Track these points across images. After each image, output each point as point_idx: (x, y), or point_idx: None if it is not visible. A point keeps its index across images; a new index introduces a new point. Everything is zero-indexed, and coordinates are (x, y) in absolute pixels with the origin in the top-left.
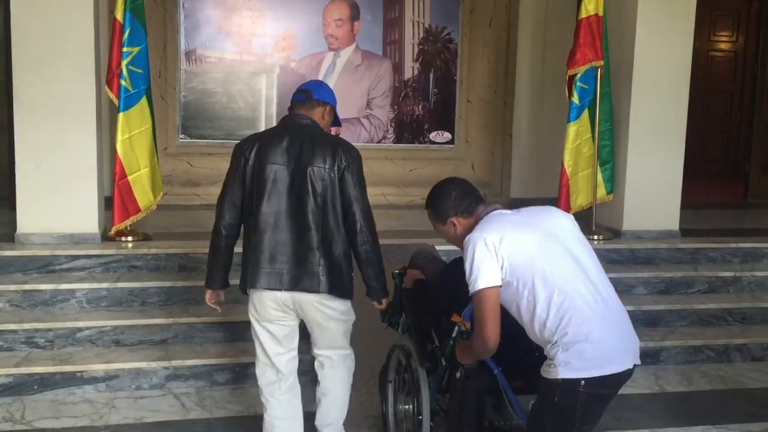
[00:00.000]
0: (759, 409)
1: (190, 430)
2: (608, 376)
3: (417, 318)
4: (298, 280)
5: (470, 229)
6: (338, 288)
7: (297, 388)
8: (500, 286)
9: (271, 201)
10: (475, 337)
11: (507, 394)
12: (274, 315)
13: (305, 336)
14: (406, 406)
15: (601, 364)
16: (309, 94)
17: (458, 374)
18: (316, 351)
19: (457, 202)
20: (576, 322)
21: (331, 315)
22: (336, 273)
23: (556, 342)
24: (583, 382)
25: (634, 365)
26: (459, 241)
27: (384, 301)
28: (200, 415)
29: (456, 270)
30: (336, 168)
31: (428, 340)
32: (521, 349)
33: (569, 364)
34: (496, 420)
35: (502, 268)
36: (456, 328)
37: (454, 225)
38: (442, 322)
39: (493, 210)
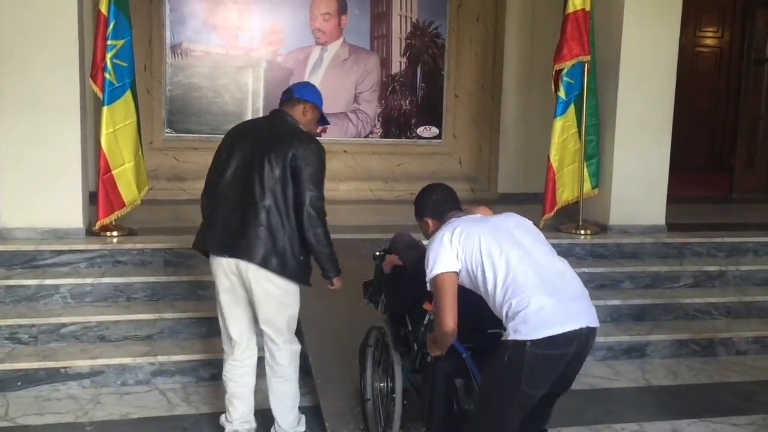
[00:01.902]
0: (744, 402)
1: (176, 426)
2: (552, 336)
3: (393, 303)
4: (237, 248)
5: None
6: (279, 266)
7: (250, 365)
8: (456, 273)
9: (229, 176)
10: (436, 324)
11: (475, 376)
12: (224, 282)
13: None
14: (381, 384)
15: (542, 326)
16: (292, 93)
17: (429, 358)
18: (265, 339)
19: (435, 206)
20: (518, 294)
21: (271, 291)
22: (279, 252)
23: (506, 314)
24: (528, 343)
25: (589, 327)
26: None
27: (335, 281)
28: (186, 410)
29: None
30: (291, 157)
31: (402, 325)
32: (488, 335)
33: (517, 331)
34: (465, 402)
35: (457, 257)
36: (427, 315)
37: (428, 224)
38: (415, 309)
39: (456, 216)
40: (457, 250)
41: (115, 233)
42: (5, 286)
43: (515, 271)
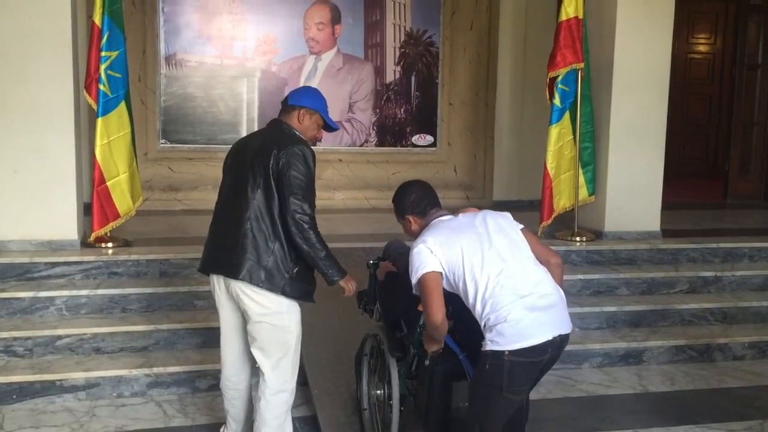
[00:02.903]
0: (741, 407)
1: None
2: (528, 347)
3: (388, 309)
4: (223, 265)
5: (423, 227)
6: (266, 280)
7: (243, 389)
8: (440, 273)
9: (224, 192)
10: (425, 318)
11: (471, 377)
12: (217, 299)
13: None
14: (378, 391)
15: (519, 338)
16: (286, 101)
17: (426, 361)
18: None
19: (414, 203)
20: (496, 309)
21: (258, 311)
22: (265, 265)
23: (484, 325)
24: (506, 352)
25: (561, 335)
26: (414, 235)
27: (343, 282)
28: (183, 422)
29: None
30: (273, 162)
31: (398, 329)
32: (483, 336)
33: (494, 341)
34: (461, 402)
35: (440, 264)
36: (422, 317)
37: (410, 222)
38: (410, 313)
39: (438, 216)
40: (440, 260)
41: (110, 244)
42: (0, 299)
43: (494, 286)
